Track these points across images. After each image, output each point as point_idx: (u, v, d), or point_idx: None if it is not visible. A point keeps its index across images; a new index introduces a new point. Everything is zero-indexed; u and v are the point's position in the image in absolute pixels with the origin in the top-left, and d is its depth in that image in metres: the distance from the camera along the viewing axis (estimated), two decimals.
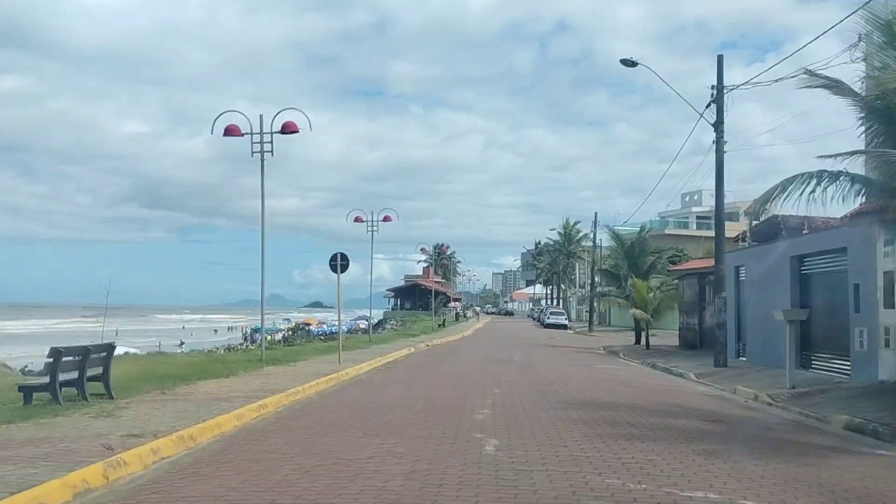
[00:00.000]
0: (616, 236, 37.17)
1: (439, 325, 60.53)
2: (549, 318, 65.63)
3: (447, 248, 79.16)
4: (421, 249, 48.67)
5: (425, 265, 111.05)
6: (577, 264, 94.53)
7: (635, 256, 35.74)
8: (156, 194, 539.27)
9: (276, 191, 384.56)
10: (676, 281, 33.72)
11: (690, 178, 73.55)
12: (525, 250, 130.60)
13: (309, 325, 70.22)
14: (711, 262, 30.55)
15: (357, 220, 32.44)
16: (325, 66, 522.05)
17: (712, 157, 20.94)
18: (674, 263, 43.25)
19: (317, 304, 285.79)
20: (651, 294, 31.43)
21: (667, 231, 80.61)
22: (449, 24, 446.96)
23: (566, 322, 64.67)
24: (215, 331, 60.35)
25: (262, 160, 18.88)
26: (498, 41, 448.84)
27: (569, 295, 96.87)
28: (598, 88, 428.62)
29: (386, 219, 33.20)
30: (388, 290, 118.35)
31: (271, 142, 18.74)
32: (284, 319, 77.46)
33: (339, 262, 20.08)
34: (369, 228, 32.55)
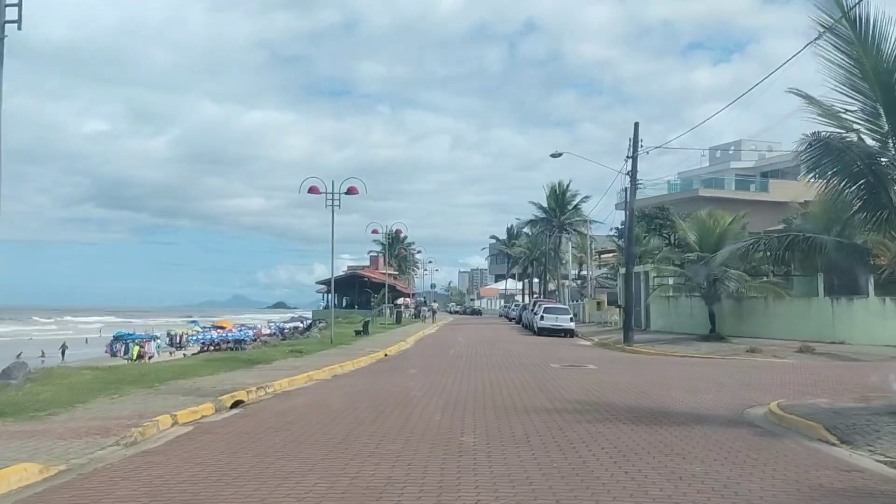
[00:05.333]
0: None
1: (357, 333, 35.30)
2: (543, 318, 39.37)
3: (402, 233, 62.25)
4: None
5: (374, 254, 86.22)
6: (569, 245, 68.61)
7: None
8: (116, 194, 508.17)
9: (241, 191, 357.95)
10: None
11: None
12: (494, 240, 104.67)
13: (223, 327, 56.59)
14: None
15: (312, 190, 28.11)
16: (291, 65, 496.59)
17: None
18: None
19: (280, 305, 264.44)
20: None
21: (702, 193, 56.13)
22: (418, 24, 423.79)
23: (573, 326, 38.96)
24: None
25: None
26: (466, 42, 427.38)
27: (556, 286, 70.61)
28: (565, 89, 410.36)
29: (350, 190, 28.53)
30: (319, 282, 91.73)
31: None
32: (190, 322, 61.13)
33: None
34: (328, 202, 28.20)
